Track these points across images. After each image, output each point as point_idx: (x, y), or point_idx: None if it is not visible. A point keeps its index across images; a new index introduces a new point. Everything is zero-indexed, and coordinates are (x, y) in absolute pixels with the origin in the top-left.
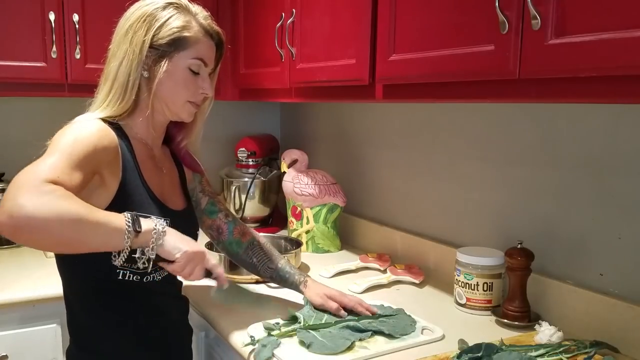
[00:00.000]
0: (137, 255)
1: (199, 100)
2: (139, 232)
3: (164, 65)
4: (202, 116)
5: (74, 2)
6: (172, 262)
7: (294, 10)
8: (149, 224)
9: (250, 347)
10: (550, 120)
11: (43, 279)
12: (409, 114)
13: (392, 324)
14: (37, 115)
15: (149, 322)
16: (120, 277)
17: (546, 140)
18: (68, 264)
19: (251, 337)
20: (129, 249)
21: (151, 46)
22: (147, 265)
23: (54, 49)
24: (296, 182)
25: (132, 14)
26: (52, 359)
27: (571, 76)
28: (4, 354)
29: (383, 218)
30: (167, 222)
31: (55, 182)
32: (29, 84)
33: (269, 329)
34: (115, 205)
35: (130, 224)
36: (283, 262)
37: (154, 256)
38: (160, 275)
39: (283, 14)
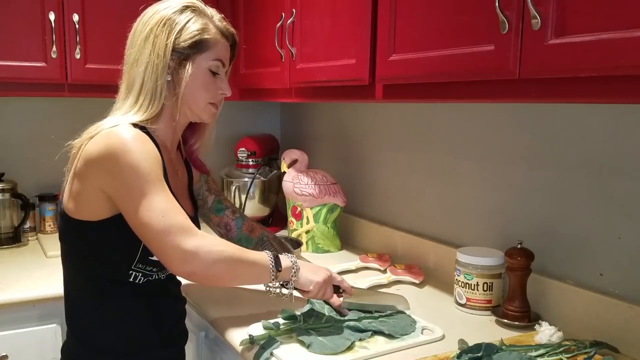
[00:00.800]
0: (277, 289)
1: (218, 101)
2: (280, 270)
3: (189, 68)
4: (216, 117)
5: (74, 2)
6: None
7: (294, 10)
8: (286, 262)
9: (249, 347)
10: (550, 120)
11: (43, 279)
12: (409, 114)
13: (392, 324)
14: (37, 115)
15: (149, 321)
16: (131, 280)
17: (546, 140)
18: (77, 259)
19: (250, 335)
20: (275, 283)
21: (174, 49)
22: (288, 294)
23: (54, 49)
24: (296, 182)
25: (151, 17)
26: (52, 359)
27: (571, 76)
28: (4, 354)
29: (383, 218)
30: (296, 258)
31: (190, 224)
32: (29, 84)
33: (268, 329)
34: None
35: (273, 265)
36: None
37: (293, 290)
38: (164, 274)
39: (283, 14)
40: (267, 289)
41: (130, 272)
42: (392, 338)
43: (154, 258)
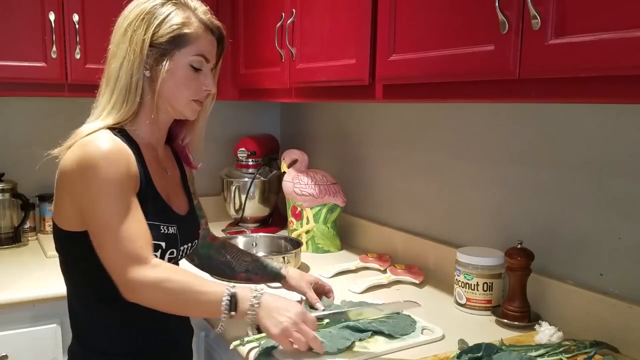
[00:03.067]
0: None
1: (202, 98)
2: (234, 314)
3: (165, 64)
4: (204, 114)
5: (74, 2)
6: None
7: (294, 10)
8: (243, 305)
9: (249, 347)
10: (550, 120)
11: (43, 279)
12: (409, 114)
13: (392, 324)
14: (37, 115)
15: (152, 324)
16: None
17: (546, 140)
18: (72, 269)
19: (241, 338)
20: (227, 322)
21: (151, 45)
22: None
23: (54, 49)
24: (296, 182)
25: (131, 12)
26: (52, 359)
27: (571, 76)
28: (4, 354)
29: (383, 218)
30: (261, 293)
31: (143, 253)
32: (29, 84)
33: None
34: None
35: (227, 309)
36: (258, 256)
37: (257, 332)
38: None
39: (283, 14)
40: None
41: None
42: (392, 338)
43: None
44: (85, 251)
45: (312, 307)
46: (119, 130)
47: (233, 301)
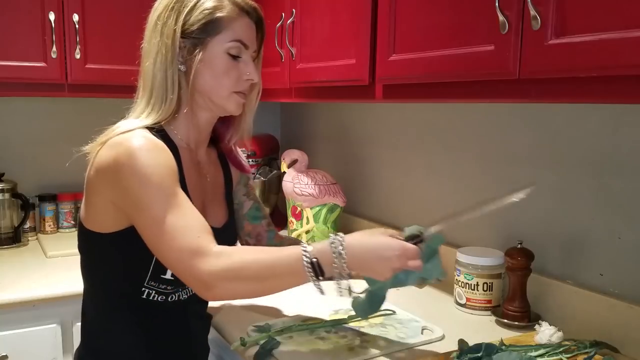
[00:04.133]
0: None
1: (245, 88)
2: (323, 278)
3: (198, 55)
4: (250, 107)
5: (74, 2)
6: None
7: (294, 10)
8: (328, 269)
9: (250, 347)
10: (550, 120)
11: (43, 279)
12: (409, 114)
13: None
14: (37, 115)
15: (167, 339)
16: (144, 296)
17: (546, 140)
18: (93, 271)
19: (241, 338)
20: (320, 284)
21: (183, 35)
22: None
23: (54, 49)
24: (296, 182)
25: (160, 2)
26: (52, 359)
27: (571, 76)
28: (4, 354)
29: (383, 218)
30: (341, 240)
31: (202, 242)
32: (29, 84)
33: (262, 332)
34: None
35: (313, 276)
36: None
37: (348, 286)
38: (186, 294)
39: (283, 14)
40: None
41: (143, 289)
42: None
43: (168, 276)
44: (106, 254)
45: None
46: (157, 130)
47: (316, 267)
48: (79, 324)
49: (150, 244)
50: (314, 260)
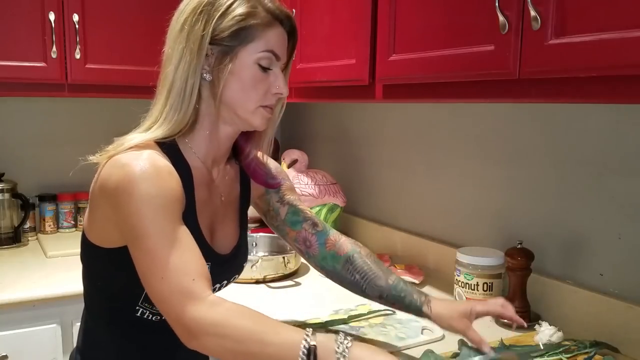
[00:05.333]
0: None
1: (272, 103)
2: None
3: (229, 65)
4: (273, 123)
5: (74, 2)
6: None
7: (294, 10)
8: (327, 351)
9: None
10: (550, 120)
11: (43, 279)
12: (409, 114)
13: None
14: (37, 115)
15: (162, 355)
16: (138, 315)
17: (546, 140)
18: (91, 281)
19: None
20: None
21: (212, 42)
22: None
23: (54, 49)
24: (296, 182)
25: (187, 4)
26: (52, 359)
27: (571, 76)
28: (4, 354)
29: (383, 218)
30: (349, 340)
31: (196, 288)
32: (29, 84)
33: None
34: None
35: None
36: (394, 278)
37: None
38: None
39: None
40: None
41: (137, 308)
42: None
43: None
44: (106, 268)
45: (477, 349)
46: (169, 145)
47: (311, 355)
48: (79, 323)
49: (141, 275)
50: (310, 349)
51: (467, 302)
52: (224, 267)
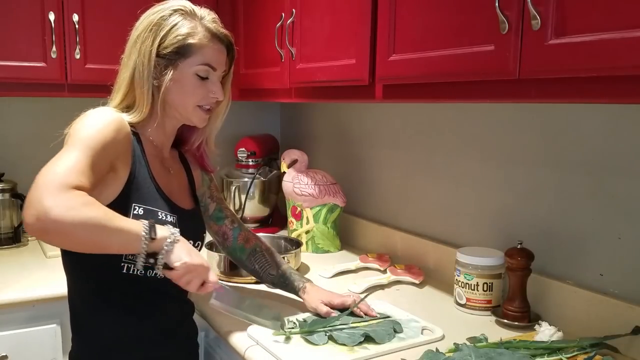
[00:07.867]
0: (150, 261)
1: (209, 104)
2: (154, 239)
3: (169, 74)
4: (216, 119)
5: (74, 2)
6: (173, 269)
7: (294, 10)
8: (164, 232)
9: (252, 348)
10: (550, 120)
11: (43, 279)
12: (409, 114)
13: (373, 328)
14: (37, 115)
15: (151, 320)
16: (124, 271)
17: (546, 140)
18: (74, 259)
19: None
20: (145, 253)
21: (158, 55)
22: (155, 271)
23: (54, 49)
24: (296, 182)
25: (141, 23)
26: (52, 359)
27: (571, 76)
28: (4, 354)
29: (383, 218)
30: (178, 232)
31: (78, 187)
32: (29, 84)
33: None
34: (125, 196)
35: (147, 232)
36: (285, 268)
37: (162, 263)
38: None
39: (283, 14)
40: (129, 263)
41: (122, 264)
42: (374, 343)
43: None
44: None
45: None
46: (131, 126)
47: (153, 228)
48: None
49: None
50: (152, 225)
51: (331, 294)
52: (188, 222)
